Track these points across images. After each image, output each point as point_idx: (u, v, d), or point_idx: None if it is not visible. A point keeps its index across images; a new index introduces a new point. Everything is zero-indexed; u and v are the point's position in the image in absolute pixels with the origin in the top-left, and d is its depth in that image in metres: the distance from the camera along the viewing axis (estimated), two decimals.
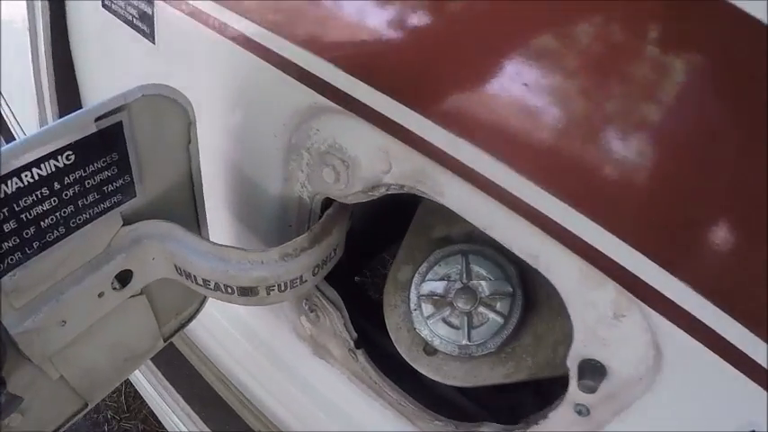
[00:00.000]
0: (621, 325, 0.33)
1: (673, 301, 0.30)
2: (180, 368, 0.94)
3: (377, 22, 0.35)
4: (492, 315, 0.49)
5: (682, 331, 0.30)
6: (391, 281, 0.54)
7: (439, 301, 0.50)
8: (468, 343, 0.49)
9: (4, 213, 0.35)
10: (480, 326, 0.49)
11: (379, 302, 0.56)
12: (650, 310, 0.30)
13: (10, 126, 1.04)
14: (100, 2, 0.57)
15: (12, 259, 0.38)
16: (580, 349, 0.36)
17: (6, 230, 0.36)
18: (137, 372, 0.98)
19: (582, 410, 0.39)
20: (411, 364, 0.53)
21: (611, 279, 0.31)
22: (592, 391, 0.36)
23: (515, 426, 0.46)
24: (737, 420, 0.32)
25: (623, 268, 0.30)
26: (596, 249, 0.30)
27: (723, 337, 0.29)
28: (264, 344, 0.61)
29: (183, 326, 0.57)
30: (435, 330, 0.50)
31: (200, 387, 0.92)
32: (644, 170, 0.28)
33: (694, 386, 0.32)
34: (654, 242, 0.29)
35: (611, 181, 0.29)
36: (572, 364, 0.37)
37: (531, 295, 0.50)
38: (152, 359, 0.96)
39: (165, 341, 0.56)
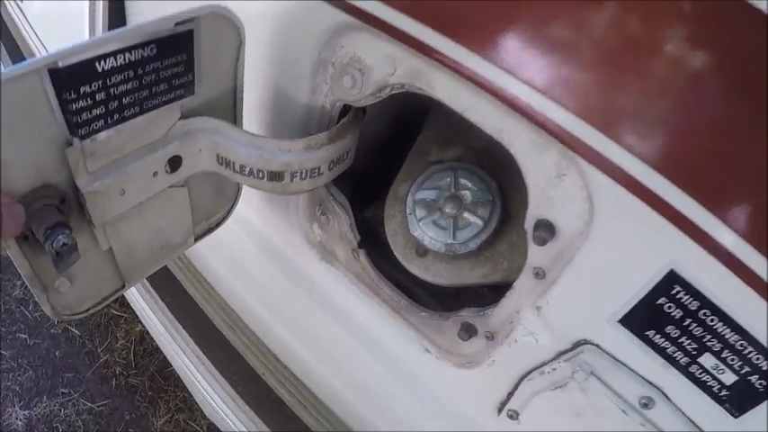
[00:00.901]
0: (563, 183, 0.45)
1: (602, 155, 0.42)
2: (192, 313, 1.06)
3: None
4: (474, 219, 0.61)
5: (610, 179, 0.42)
6: (392, 195, 0.67)
7: (430, 206, 0.63)
8: (453, 242, 0.62)
9: (98, 85, 0.49)
10: (464, 228, 0.62)
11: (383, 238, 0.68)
12: (584, 163, 0.43)
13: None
14: None
15: (96, 125, 0.51)
16: (534, 211, 0.48)
17: (98, 100, 0.50)
18: (153, 318, 1.10)
19: (539, 272, 0.52)
20: (404, 264, 0.65)
21: (554, 141, 0.44)
22: (543, 242, 0.48)
23: (488, 306, 0.59)
24: (660, 259, 0.43)
25: (564, 130, 0.43)
26: (544, 116, 0.43)
27: (644, 185, 0.41)
28: (277, 252, 0.74)
29: (211, 229, 0.70)
30: (426, 231, 0.63)
31: (209, 332, 1.04)
32: (580, 50, 0.42)
33: (622, 230, 0.45)
34: (586, 108, 0.42)
35: (557, 62, 0.42)
36: (529, 227, 0.49)
37: (509, 209, 0.63)
38: (166, 303, 1.08)
39: (195, 240, 0.69)
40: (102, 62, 0.48)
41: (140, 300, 1.13)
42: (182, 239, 0.67)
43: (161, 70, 0.52)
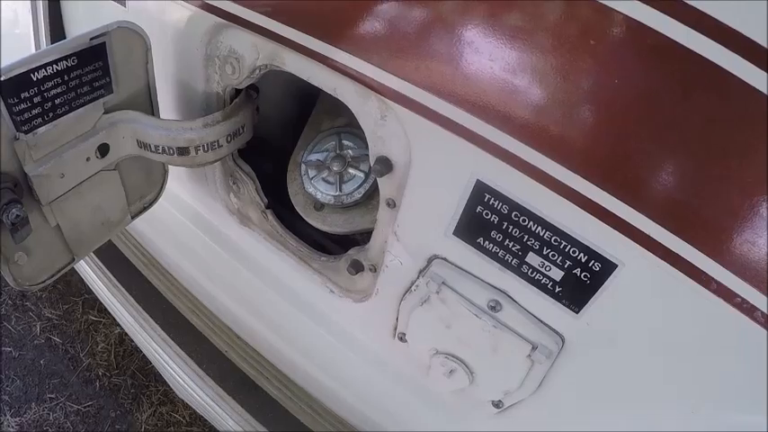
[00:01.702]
0: (387, 124, 0.62)
1: (403, 94, 0.57)
2: (157, 303, 1.24)
3: None
4: (356, 173, 0.78)
5: (413, 113, 0.57)
6: (292, 162, 0.84)
7: (320, 166, 0.80)
8: (340, 193, 0.78)
9: (34, 91, 0.67)
10: (349, 181, 0.78)
11: None
12: (392, 103, 0.59)
13: None
14: None
15: (35, 122, 0.69)
16: (372, 149, 0.65)
17: (35, 102, 0.67)
18: (128, 316, 1.27)
19: (389, 202, 0.68)
20: (305, 218, 0.82)
21: (372, 91, 0.60)
22: (381, 174, 0.64)
23: (364, 243, 0.75)
24: (467, 173, 0.56)
25: (376, 81, 0.59)
26: (361, 74, 0.60)
27: (439, 113, 0.54)
28: (207, 223, 0.91)
29: (145, 208, 0.88)
30: (317, 186, 0.79)
31: (174, 317, 1.21)
32: (375, 25, 0.58)
33: (432, 154, 0.60)
34: (384, 61, 0.58)
35: (369, 33, 0.59)
36: (372, 163, 0.65)
37: None
38: (134, 297, 1.26)
39: (132, 218, 0.86)
40: (36, 73, 0.66)
41: (111, 297, 1.31)
42: (119, 217, 0.84)
43: (83, 76, 0.70)
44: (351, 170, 0.78)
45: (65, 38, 1.07)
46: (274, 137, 0.87)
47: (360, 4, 0.57)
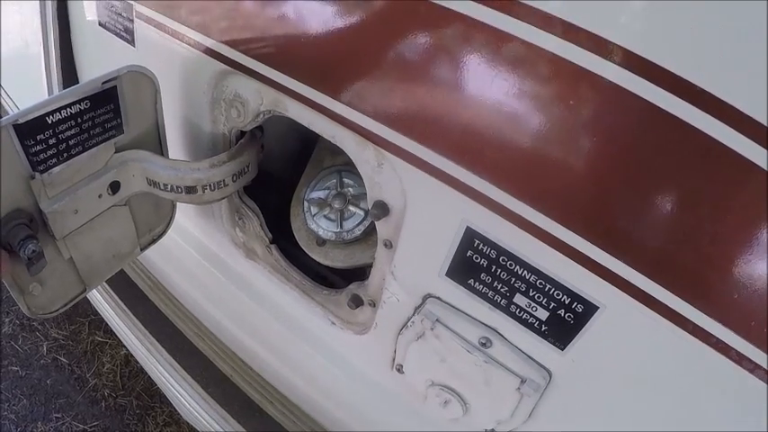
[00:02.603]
0: (383, 171, 0.67)
1: (398, 146, 0.63)
2: (163, 327, 1.29)
3: (253, 20, 0.74)
4: (356, 210, 0.83)
5: (410, 165, 0.63)
6: (295, 198, 0.89)
7: (322, 203, 0.85)
8: (341, 230, 0.83)
9: (50, 133, 0.73)
10: (349, 218, 0.83)
11: None
12: (388, 153, 0.64)
13: (8, 109, 1.50)
14: (97, 21, 0.99)
15: (50, 162, 0.75)
16: (370, 194, 0.69)
17: (50, 144, 0.73)
18: (132, 337, 1.33)
19: (386, 243, 0.73)
20: (308, 253, 0.87)
21: (369, 141, 0.66)
22: (378, 218, 0.69)
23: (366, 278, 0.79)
24: (457, 220, 0.61)
25: (372, 132, 0.64)
26: (358, 125, 0.65)
27: (431, 164, 0.60)
28: (214, 255, 0.97)
29: (154, 240, 0.93)
30: (319, 223, 0.84)
31: (180, 342, 1.27)
32: (372, 71, 0.64)
33: (425, 201, 0.65)
34: (387, 117, 0.63)
35: (365, 88, 0.64)
36: (369, 207, 0.70)
37: None
38: (140, 320, 1.32)
39: (141, 250, 0.92)
40: (51, 116, 0.72)
41: (118, 321, 1.36)
42: (130, 249, 0.90)
43: (95, 118, 0.76)
44: (351, 208, 0.83)
45: (76, 70, 1.14)
46: (277, 170, 0.93)
47: (356, 60, 0.62)
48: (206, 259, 1.00)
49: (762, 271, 0.47)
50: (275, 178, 0.94)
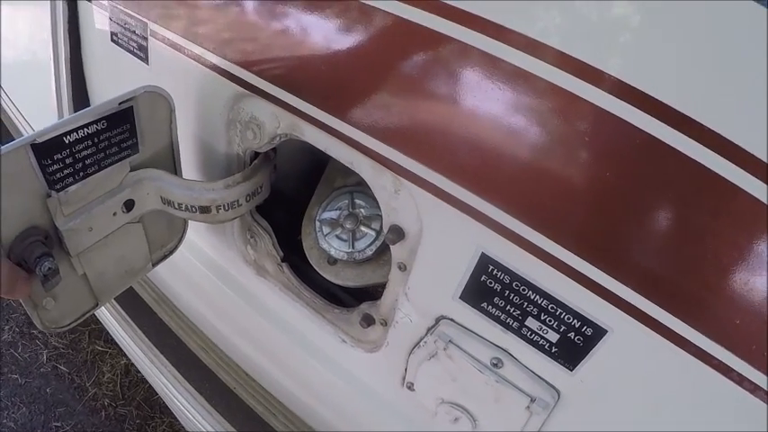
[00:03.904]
0: (400, 197, 0.69)
1: (415, 174, 0.65)
2: (167, 338, 1.31)
3: (271, 44, 0.76)
4: (368, 231, 0.85)
5: (426, 192, 0.65)
6: (306, 217, 0.91)
7: (333, 223, 0.87)
8: (353, 250, 0.85)
9: (67, 152, 0.74)
10: (361, 239, 0.86)
11: None
12: (405, 181, 0.67)
13: (11, 116, 1.51)
14: (109, 38, 1.00)
15: (67, 181, 0.76)
16: (386, 219, 0.72)
17: (67, 163, 0.75)
18: (135, 346, 1.35)
19: (401, 266, 0.75)
20: (319, 272, 0.89)
21: (386, 168, 0.68)
22: (393, 242, 0.71)
23: (378, 298, 0.82)
24: (472, 246, 0.64)
25: (390, 160, 0.67)
26: (375, 151, 0.67)
27: (448, 192, 0.63)
28: (223, 270, 0.99)
29: (165, 256, 0.95)
30: (331, 243, 0.86)
31: (184, 354, 1.29)
32: (389, 109, 0.66)
33: (441, 227, 0.67)
34: (404, 144, 0.66)
35: (382, 116, 0.66)
36: (385, 231, 0.73)
37: None
38: (144, 332, 1.33)
39: (153, 265, 0.94)
40: (68, 136, 0.73)
41: (122, 332, 1.38)
42: (142, 265, 0.92)
43: (111, 137, 0.78)
44: (363, 228, 0.85)
45: (85, 81, 1.15)
46: (288, 188, 0.95)
47: (374, 87, 0.65)
48: (215, 274, 1.02)
49: (762, 297, 0.50)
50: (285, 195, 0.96)
